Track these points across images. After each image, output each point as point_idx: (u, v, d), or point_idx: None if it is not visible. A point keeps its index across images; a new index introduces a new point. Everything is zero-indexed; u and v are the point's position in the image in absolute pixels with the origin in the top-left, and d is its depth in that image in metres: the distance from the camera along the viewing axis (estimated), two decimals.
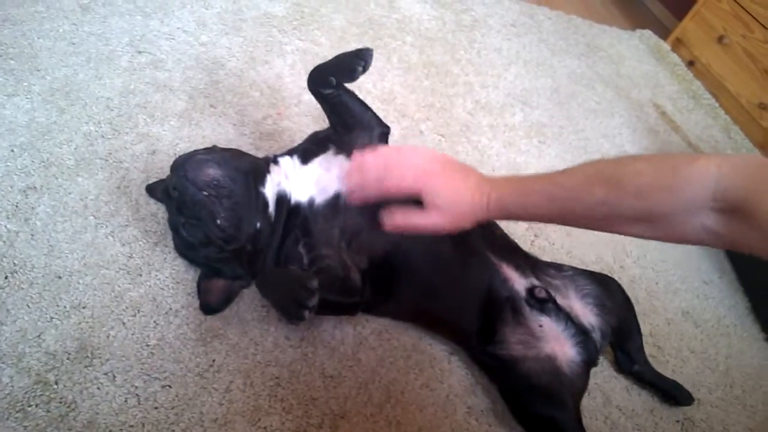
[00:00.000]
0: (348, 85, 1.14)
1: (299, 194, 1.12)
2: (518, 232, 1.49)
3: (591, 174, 0.86)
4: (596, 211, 0.85)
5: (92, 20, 1.51)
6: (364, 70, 1.09)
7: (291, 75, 1.62)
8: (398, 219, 0.98)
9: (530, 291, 1.15)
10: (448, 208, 0.95)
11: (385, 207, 1.00)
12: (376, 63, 1.78)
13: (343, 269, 1.06)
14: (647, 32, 2.75)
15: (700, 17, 2.63)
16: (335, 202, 1.10)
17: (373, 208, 1.03)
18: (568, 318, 1.14)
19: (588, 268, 1.29)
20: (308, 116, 1.52)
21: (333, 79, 1.10)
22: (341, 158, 1.12)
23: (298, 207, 1.11)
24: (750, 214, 0.72)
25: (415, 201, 0.96)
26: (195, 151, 1.07)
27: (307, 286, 0.89)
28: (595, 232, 1.58)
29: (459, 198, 0.94)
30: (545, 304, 1.14)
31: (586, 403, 1.18)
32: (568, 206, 0.87)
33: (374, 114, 1.17)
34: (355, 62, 1.09)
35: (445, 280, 1.14)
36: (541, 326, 1.13)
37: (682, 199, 0.78)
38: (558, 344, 1.12)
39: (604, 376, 1.28)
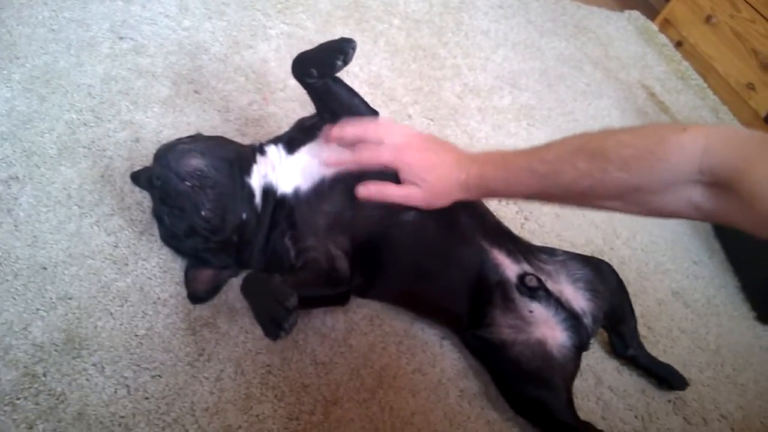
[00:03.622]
0: None
1: (285, 186, 1.10)
2: (508, 215, 1.48)
3: (574, 147, 0.85)
4: (579, 184, 0.84)
5: (72, 6, 1.48)
6: (345, 63, 1.06)
7: (276, 59, 1.60)
8: (372, 189, 0.98)
9: (521, 278, 1.14)
10: (423, 183, 0.94)
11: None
12: (362, 46, 1.76)
13: (328, 260, 1.05)
14: (635, 13, 2.74)
15: None
16: (320, 186, 1.09)
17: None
18: (558, 303, 1.14)
19: (578, 251, 1.29)
20: (295, 101, 1.50)
21: (314, 71, 1.08)
22: (328, 147, 1.11)
23: (284, 198, 1.10)
24: (736, 188, 0.71)
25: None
26: (178, 139, 1.06)
27: (285, 304, 0.85)
28: (585, 214, 1.60)
29: (435, 174, 0.94)
30: (536, 291, 1.13)
31: (578, 384, 1.18)
32: (550, 180, 0.87)
33: (362, 100, 1.15)
34: (334, 56, 1.06)
35: (434, 262, 1.13)
36: (531, 312, 1.12)
37: (667, 170, 0.77)
38: (548, 329, 1.12)
39: (595, 357, 1.28)
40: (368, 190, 0.99)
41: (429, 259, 1.13)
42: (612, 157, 0.80)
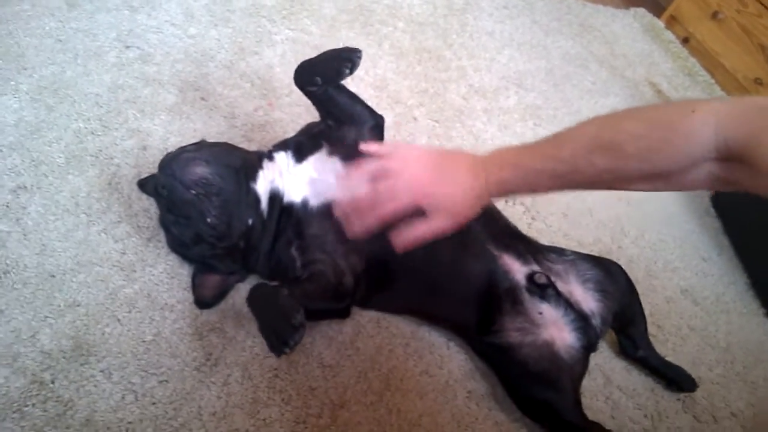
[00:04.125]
0: None
1: (293, 194, 1.11)
2: (515, 215, 1.48)
3: (588, 142, 0.84)
4: (601, 178, 0.84)
5: (79, 16, 1.50)
6: (351, 71, 1.07)
7: (281, 65, 1.61)
8: (407, 236, 0.96)
9: (530, 277, 1.14)
10: (451, 209, 0.94)
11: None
12: (367, 50, 1.77)
13: (336, 275, 1.05)
14: (641, 10, 2.73)
15: None
16: (329, 209, 1.08)
17: None
18: (567, 304, 1.13)
19: (586, 250, 1.29)
20: (300, 106, 1.50)
21: (319, 79, 1.08)
22: (335, 161, 1.10)
23: (291, 207, 1.10)
24: (750, 160, 0.72)
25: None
26: (182, 148, 1.06)
27: (291, 322, 0.85)
28: (593, 214, 1.60)
29: (458, 197, 0.93)
30: (545, 290, 1.13)
31: (587, 383, 1.18)
32: (571, 179, 0.87)
33: (365, 106, 1.15)
34: (341, 64, 1.06)
35: (444, 277, 1.13)
36: (540, 313, 1.12)
37: (684, 155, 0.78)
38: (556, 330, 1.12)
39: (604, 356, 1.28)
40: (405, 239, 0.96)
41: (439, 275, 1.13)
42: (629, 150, 0.80)
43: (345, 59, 1.07)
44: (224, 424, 0.97)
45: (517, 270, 1.15)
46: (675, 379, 1.26)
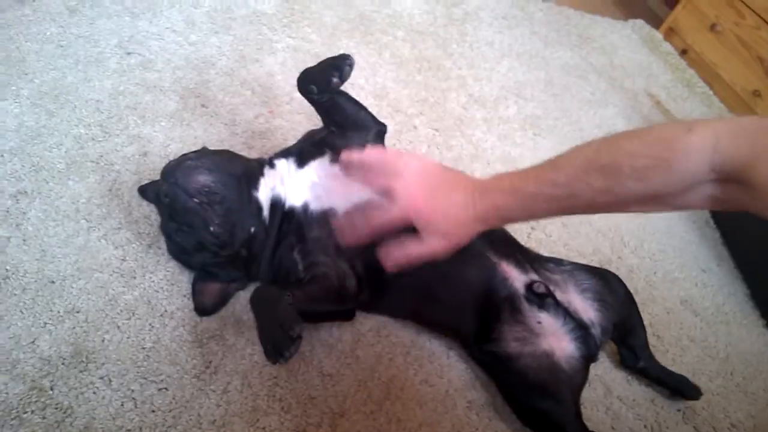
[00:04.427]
0: None
1: (294, 199, 1.10)
2: (514, 225, 1.47)
3: (584, 164, 0.83)
4: (598, 200, 0.83)
5: (80, 22, 1.50)
6: (341, 80, 1.07)
7: (282, 73, 1.61)
8: (397, 255, 0.96)
9: (529, 286, 1.14)
10: (444, 231, 0.93)
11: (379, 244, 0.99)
12: (368, 59, 1.78)
13: (338, 277, 1.05)
14: (639, 22, 2.74)
15: (691, 5, 2.62)
16: (331, 213, 1.09)
17: None
18: (567, 313, 1.13)
19: (585, 260, 1.29)
20: (301, 114, 1.51)
21: (314, 88, 1.09)
22: (337, 167, 1.10)
23: (292, 211, 1.10)
24: (748, 181, 0.71)
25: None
26: (185, 156, 1.06)
27: (289, 333, 0.85)
28: (592, 224, 1.60)
29: (452, 219, 0.92)
30: (544, 299, 1.13)
31: (587, 394, 1.17)
32: (568, 202, 0.85)
33: (368, 113, 1.15)
34: (329, 74, 1.07)
35: (444, 285, 1.13)
36: (539, 322, 1.12)
37: (682, 175, 0.77)
38: (556, 340, 1.11)
39: (604, 366, 1.27)
40: (396, 259, 0.96)
41: (438, 281, 1.12)
42: (626, 171, 0.79)
43: (333, 68, 1.07)
44: None
45: (516, 278, 1.15)
46: (678, 388, 1.26)
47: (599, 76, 2.25)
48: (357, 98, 1.15)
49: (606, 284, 1.22)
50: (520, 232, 1.47)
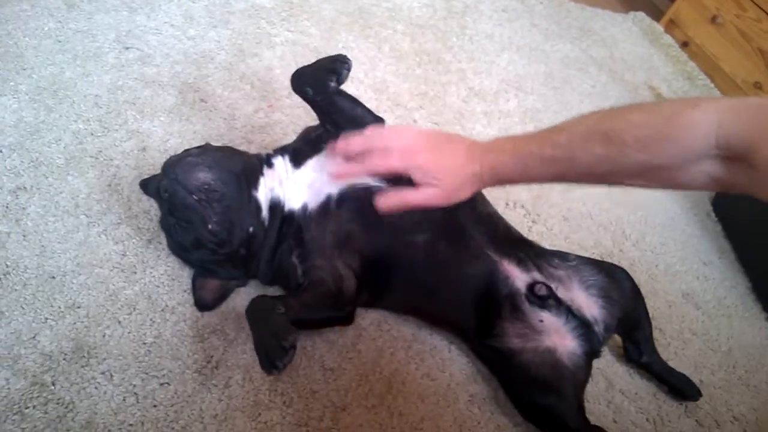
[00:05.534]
0: None
1: (293, 201, 1.10)
2: (516, 219, 1.48)
3: (587, 131, 0.83)
4: (597, 167, 0.83)
5: (78, 17, 1.49)
6: (338, 82, 1.05)
7: (281, 67, 1.60)
8: (393, 199, 0.94)
9: (530, 287, 1.13)
10: (439, 183, 0.93)
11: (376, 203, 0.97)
12: (367, 52, 1.77)
13: (335, 282, 1.04)
14: (640, 14, 2.73)
15: None
16: (327, 204, 1.08)
17: (365, 208, 1.01)
18: (569, 311, 1.12)
19: (587, 253, 1.29)
20: (300, 108, 1.50)
21: (310, 90, 1.07)
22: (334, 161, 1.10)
23: (291, 215, 1.09)
24: (750, 159, 0.71)
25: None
26: (187, 152, 1.06)
27: (282, 344, 0.85)
28: (594, 218, 1.59)
29: (449, 172, 0.92)
30: (546, 300, 1.12)
31: (589, 387, 1.17)
32: (566, 166, 0.85)
33: (365, 109, 1.14)
34: (327, 77, 1.05)
35: (443, 281, 1.12)
36: (541, 321, 1.11)
37: (684, 148, 0.77)
38: (558, 337, 1.11)
39: (606, 360, 1.27)
40: (389, 200, 0.95)
41: (438, 278, 1.12)
42: (628, 139, 0.79)
43: (330, 71, 1.05)
44: (225, 427, 0.96)
45: (517, 277, 1.14)
46: (678, 387, 1.25)
47: (600, 69, 2.24)
48: (356, 92, 1.14)
49: (612, 280, 1.20)
50: (522, 225, 1.47)
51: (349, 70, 1.06)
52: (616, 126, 0.80)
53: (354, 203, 1.08)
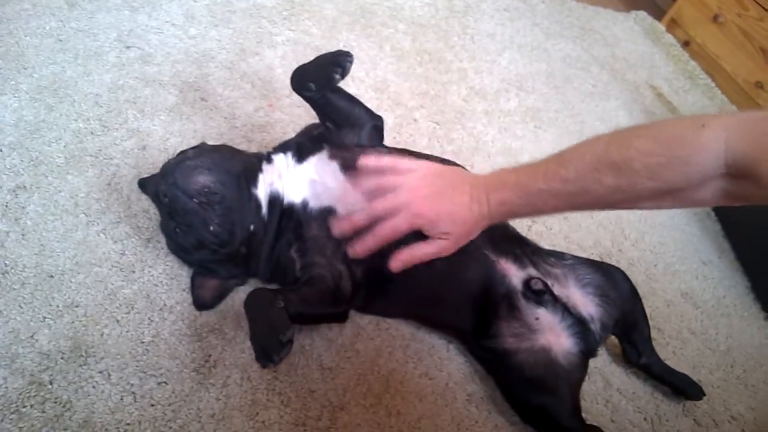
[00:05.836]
0: None
1: (293, 195, 1.10)
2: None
3: (595, 162, 0.82)
4: (609, 197, 0.82)
5: (79, 16, 1.49)
6: (342, 76, 1.07)
7: (282, 66, 1.60)
8: (405, 256, 0.96)
9: (527, 283, 1.13)
10: (449, 235, 0.93)
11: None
12: (368, 51, 1.77)
13: (334, 279, 1.05)
14: (642, 13, 2.73)
15: None
16: (327, 213, 1.08)
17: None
18: (565, 309, 1.12)
19: (586, 253, 1.29)
20: (300, 107, 1.50)
21: (312, 85, 1.08)
22: (335, 166, 1.09)
23: (291, 208, 1.09)
24: (757, 178, 0.72)
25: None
26: (184, 154, 1.06)
27: (279, 338, 0.85)
28: (593, 217, 1.59)
29: (457, 221, 0.92)
30: (542, 295, 1.12)
31: (587, 386, 1.17)
32: (578, 198, 0.84)
33: (364, 108, 1.15)
34: (331, 70, 1.06)
35: (441, 286, 1.12)
36: (537, 319, 1.11)
37: (695, 172, 0.77)
38: (553, 336, 1.11)
39: (604, 359, 1.27)
40: (401, 259, 0.96)
41: (436, 283, 1.12)
42: (638, 168, 0.78)
43: (335, 65, 1.07)
44: (223, 426, 0.96)
45: (514, 274, 1.14)
46: (680, 387, 1.25)
47: (601, 68, 2.24)
48: (357, 92, 1.15)
49: (609, 279, 1.21)
50: (520, 225, 1.46)
51: (351, 63, 1.07)
52: (625, 155, 0.79)
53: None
